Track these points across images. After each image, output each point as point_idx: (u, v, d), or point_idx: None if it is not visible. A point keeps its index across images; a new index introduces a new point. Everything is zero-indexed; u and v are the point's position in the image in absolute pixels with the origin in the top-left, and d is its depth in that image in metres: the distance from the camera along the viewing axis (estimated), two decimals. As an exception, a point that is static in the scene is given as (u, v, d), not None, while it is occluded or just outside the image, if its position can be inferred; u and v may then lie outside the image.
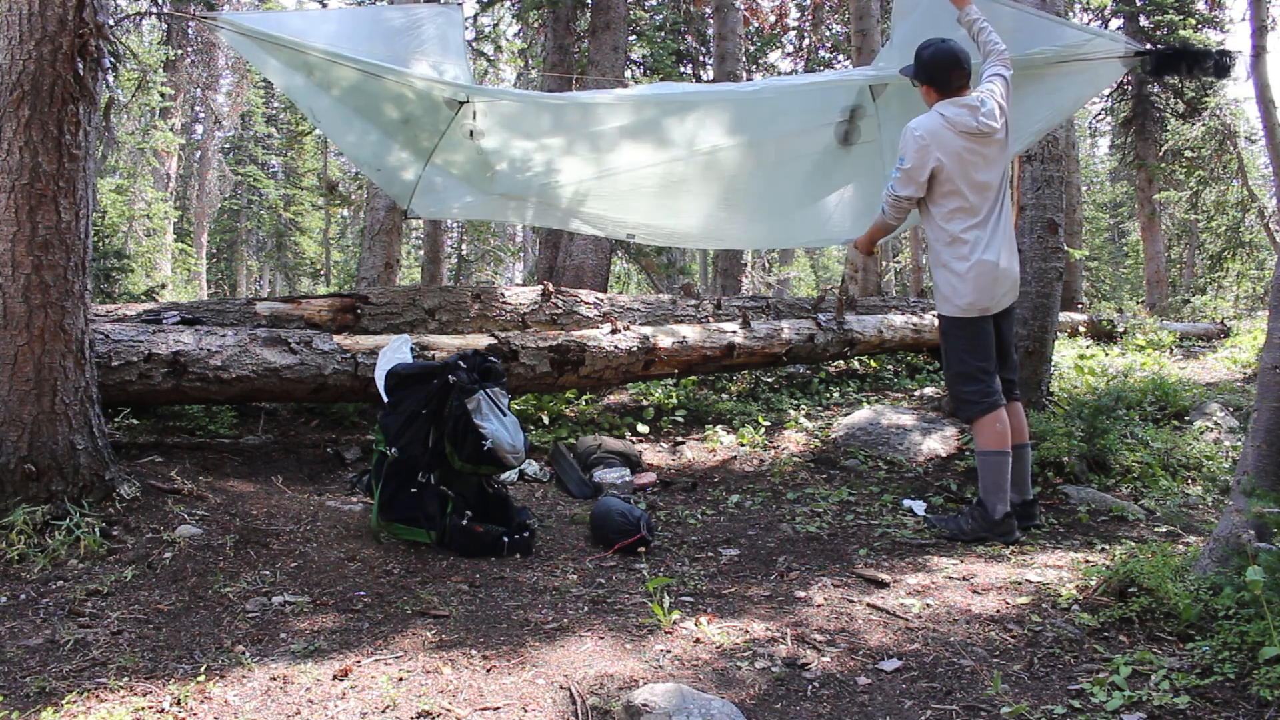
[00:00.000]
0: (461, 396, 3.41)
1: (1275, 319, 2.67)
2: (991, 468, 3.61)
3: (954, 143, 3.52)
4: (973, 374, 3.64)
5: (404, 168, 4.84)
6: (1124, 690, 2.19)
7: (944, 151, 3.52)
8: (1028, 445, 3.85)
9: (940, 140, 3.52)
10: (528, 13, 12.55)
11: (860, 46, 10.23)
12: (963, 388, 3.66)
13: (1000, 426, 3.59)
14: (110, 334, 4.05)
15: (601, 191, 4.97)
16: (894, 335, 7.14)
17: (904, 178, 3.59)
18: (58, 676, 2.29)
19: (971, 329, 3.66)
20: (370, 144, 4.71)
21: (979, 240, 3.58)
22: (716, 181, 4.92)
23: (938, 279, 3.72)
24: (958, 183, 3.56)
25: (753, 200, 5.03)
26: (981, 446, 3.65)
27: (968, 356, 3.65)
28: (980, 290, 3.59)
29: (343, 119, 4.59)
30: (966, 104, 3.55)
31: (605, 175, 4.90)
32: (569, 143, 4.76)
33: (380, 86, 4.33)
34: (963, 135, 3.52)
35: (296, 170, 26.05)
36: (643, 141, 4.74)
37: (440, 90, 4.37)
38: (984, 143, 3.56)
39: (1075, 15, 16.89)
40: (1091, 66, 4.09)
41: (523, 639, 2.63)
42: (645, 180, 4.89)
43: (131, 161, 16.79)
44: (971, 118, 3.52)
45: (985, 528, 3.61)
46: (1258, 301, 17.74)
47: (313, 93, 4.37)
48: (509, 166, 4.85)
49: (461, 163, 4.83)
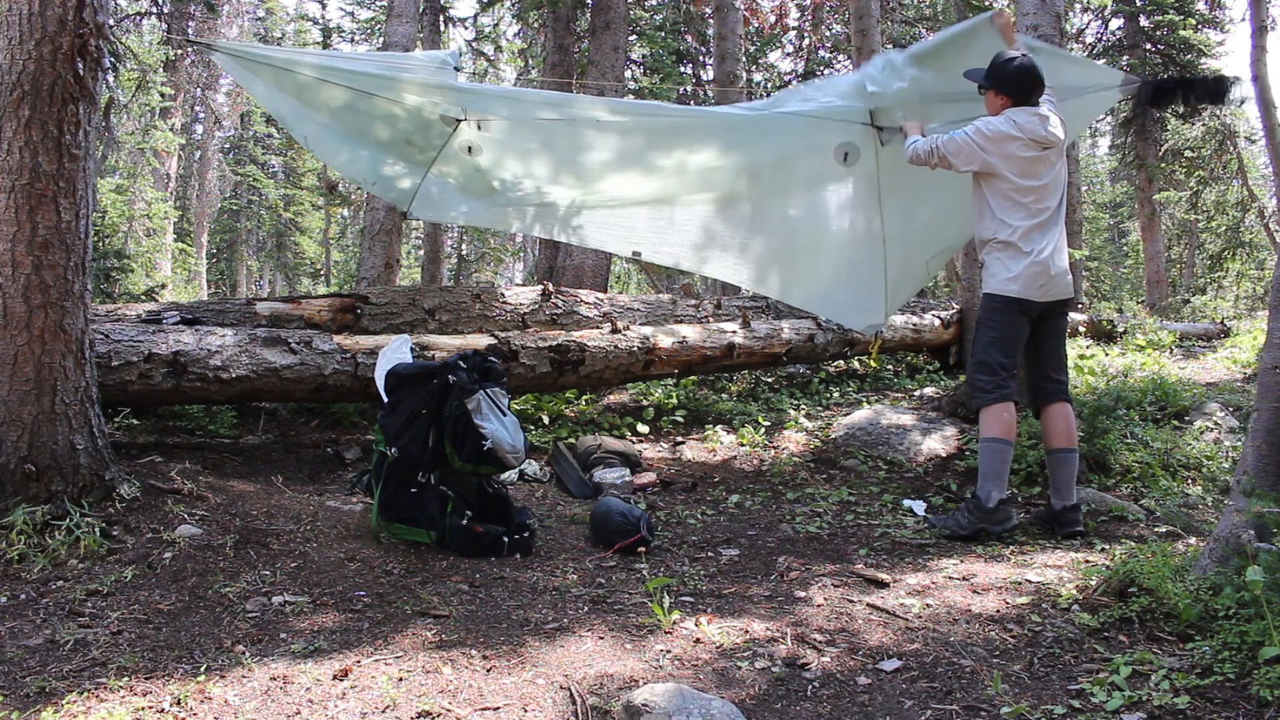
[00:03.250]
0: (461, 396, 3.41)
1: (1275, 319, 2.67)
2: (992, 454, 3.65)
3: (1018, 148, 3.65)
4: (993, 365, 3.69)
5: (400, 178, 4.83)
6: (1124, 690, 2.19)
7: (1002, 155, 3.66)
8: (1075, 450, 3.81)
9: (1002, 145, 3.65)
10: (528, 13, 12.56)
11: (860, 46, 10.19)
12: (979, 375, 3.72)
13: (1008, 416, 3.64)
14: (110, 334, 4.05)
15: (596, 206, 4.89)
16: (894, 335, 7.13)
17: (953, 150, 3.72)
18: (58, 676, 2.29)
19: (1008, 317, 3.71)
20: (364, 159, 4.70)
21: (1034, 239, 3.67)
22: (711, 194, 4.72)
23: (989, 261, 3.79)
24: (1017, 182, 3.67)
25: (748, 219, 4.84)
26: (985, 433, 3.68)
27: (993, 348, 3.71)
28: (1027, 284, 3.67)
29: (334, 141, 4.58)
30: (1037, 114, 3.69)
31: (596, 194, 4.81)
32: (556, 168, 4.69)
33: (372, 105, 4.31)
34: (1030, 143, 3.65)
35: (296, 170, 26.03)
36: (630, 169, 4.64)
37: (432, 108, 4.33)
38: (1048, 150, 3.69)
39: (1075, 15, 16.89)
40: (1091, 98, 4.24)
41: (523, 639, 2.63)
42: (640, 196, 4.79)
43: (131, 161, 16.80)
44: (1041, 127, 3.66)
45: (981, 518, 3.62)
46: (1258, 301, 17.73)
47: (302, 117, 4.37)
48: (501, 185, 4.82)
49: (459, 175, 4.80)
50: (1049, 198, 3.73)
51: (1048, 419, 3.80)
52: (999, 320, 3.74)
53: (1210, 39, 16.58)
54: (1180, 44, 16.11)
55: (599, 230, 4.98)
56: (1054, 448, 3.76)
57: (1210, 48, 16.46)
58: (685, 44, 14.01)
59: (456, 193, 4.94)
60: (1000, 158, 3.66)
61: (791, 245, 4.87)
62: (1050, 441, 3.79)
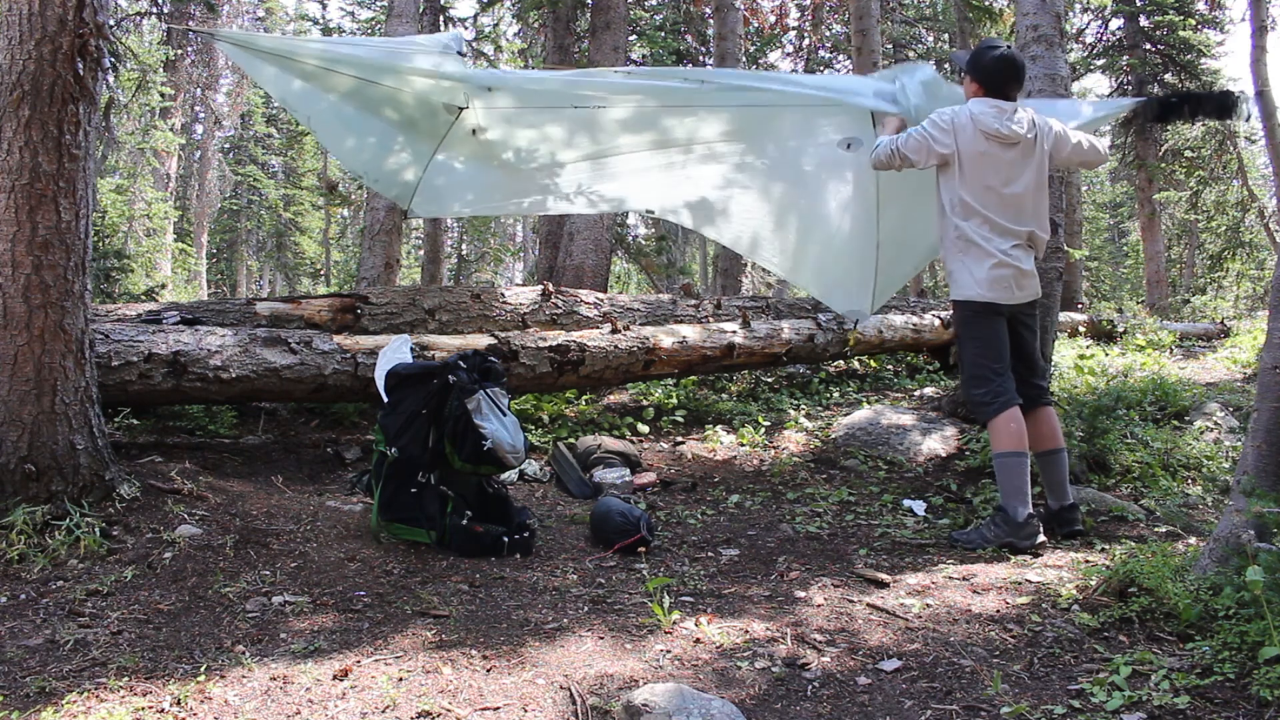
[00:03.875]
0: (461, 396, 3.41)
1: (1275, 319, 2.66)
2: (1009, 470, 3.50)
3: (972, 140, 3.51)
4: (985, 375, 3.57)
5: (404, 170, 4.82)
6: (1124, 690, 2.19)
7: (959, 145, 3.51)
8: (1063, 450, 3.73)
9: (958, 134, 3.51)
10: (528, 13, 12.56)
11: (860, 46, 10.22)
12: (974, 390, 3.61)
13: (1015, 426, 3.50)
14: (110, 334, 4.05)
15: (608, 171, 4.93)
16: (894, 335, 7.14)
17: (912, 147, 3.58)
18: (58, 676, 2.29)
19: (986, 321, 3.59)
20: (369, 148, 4.69)
21: (995, 240, 3.55)
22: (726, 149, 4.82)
23: (953, 267, 3.67)
24: (976, 177, 3.53)
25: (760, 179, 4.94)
26: (997, 449, 3.54)
27: (982, 359, 3.59)
28: (993, 286, 3.56)
29: (340, 125, 4.57)
30: (996, 105, 3.54)
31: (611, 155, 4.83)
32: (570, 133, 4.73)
33: (376, 92, 4.31)
34: (986, 136, 3.50)
35: (296, 170, 26.05)
36: (643, 130, 4.68)
37: (438, 95, 4.33)
38: (1008, 149, 3.54)
39: (1075, 15, 16.89)
40: None
41: (523, 639, 2.62)
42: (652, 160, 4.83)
43: (131, 161, 16.80)
44: (997, 120, 3.51)
45: (1009, 533, 3.46)
46: (1258, 301, 17.75)
47: (309, 99, 4.36)
48: (516, 156, 4.83)
49: (466, 156, 4.80)
50: (1014, 198, 3.57)
51: (1033, 424, 3.67)
52: (977, 328, 3.62)
53: (1210, 39, 16.59)
54: (1180, 44, 16.13)
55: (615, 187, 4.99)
56: (1044, 450, 3.69)
57: (1210, 48, 16.48)
58: (685, 44, 14.01)
59: (462, 178, 4.93)
60: (957, 149, 3.51)
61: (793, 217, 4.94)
62: (1039, 445, 3.69)
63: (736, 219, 4.99)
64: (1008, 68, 3.58)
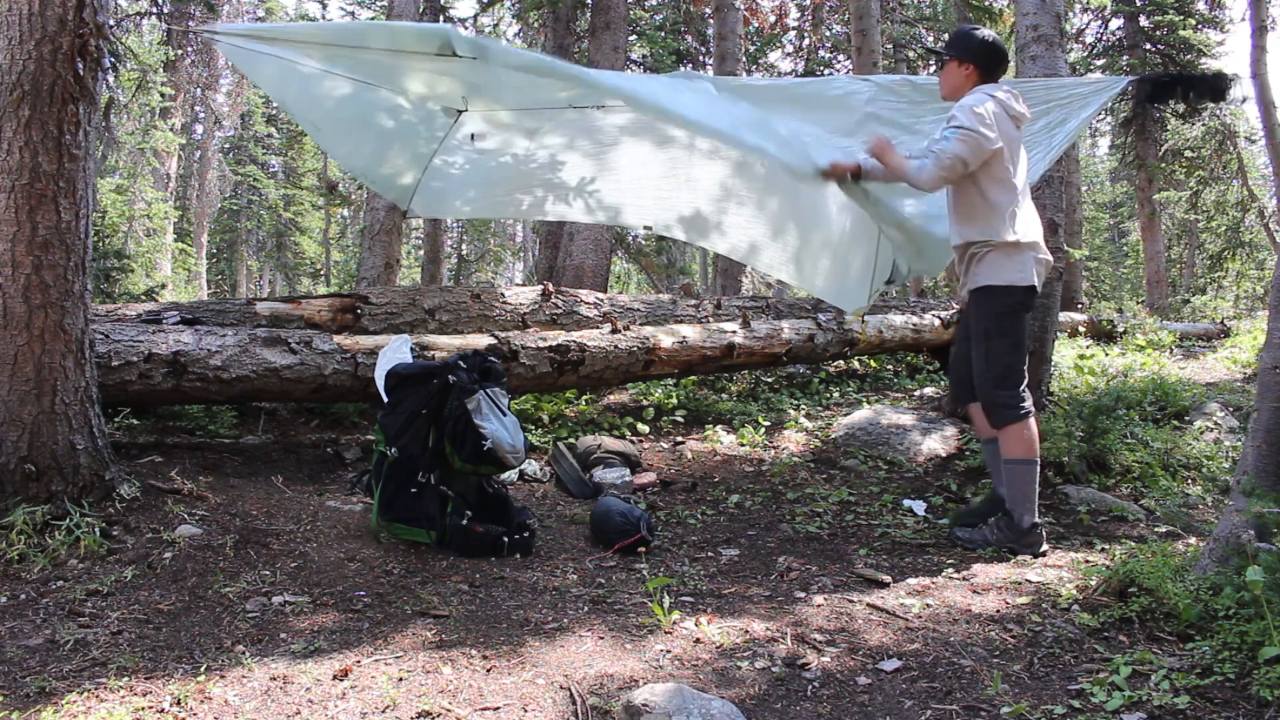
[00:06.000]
0: (461, 396, 3.41)
1: (1275, 319, 2.67)
2: (1020, 477, 3.47)
3: (1008, 126, 3.44)
4: (1013, 377, 3.47)
5: (402, 173, 4.83)
6: (1124, 690, 2.19)
7: (1005, 132, 3.41)
8: None
9: (1001, 124, 3.39)
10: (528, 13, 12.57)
11: (860, 47, 10.22)
12: (999, 391, 3.48)
13: (1029, 434, 3.45)
14: (110, 334, 4.05)
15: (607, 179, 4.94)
16: (894, 335, 7.13)
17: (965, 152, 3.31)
18: (58, 676, 2.29)
19: (1019, 319, 3.50)
20: (368, 150, 4.70)
21: (1031, 227, 3.51)
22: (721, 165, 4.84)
23: (994, 255, 3.46)
24: (1015, 168, 3.48)
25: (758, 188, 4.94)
26: (1011, 454, 3.49)
27: (1011, 356, 3.47)
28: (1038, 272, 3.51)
29: (339, 128, 4.57)
30: (1004, 88, 3.51)
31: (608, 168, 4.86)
32: (569, 140, 4.75)
33: (375, 96, 4.31)
34: (1013, 118, 3.46)
35: (296, 170, 26.06)
36: (642, 138, 4.72)
37: (436, 100, 4.33)
38: (1022, 130, 3.55)
39: (1075, 15, 16.89)
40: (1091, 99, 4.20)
41: (523, 639, 2.62)
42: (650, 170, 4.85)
43: (131, 161, 16.80)
44: (1016, 101, 3.48)
45: (1012, 538, 3.46)
46: (1258, 301, 17.76)
47: (307, 103, 4.35)
48: (514, 159, 4.84)
49: (462, 163, 4.82)
50: (1025, 182, 3.55)
51: (978, 413, 3.66)
52: (1012, 321, 3.46)
53: (1210, 39, 16.58)
54: (1180, 44, 16.12)
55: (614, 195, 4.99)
56: (990, 438, 3.67)
57: (1210, 48, 16.47)
58: (685, 44, 14.02)
59: (461, 180, 4.94)
60: (1003, 139, 3.38)
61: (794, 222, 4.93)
62: (985, 432, 3.68)
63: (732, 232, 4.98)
64: (1000, 50, 3.58)
